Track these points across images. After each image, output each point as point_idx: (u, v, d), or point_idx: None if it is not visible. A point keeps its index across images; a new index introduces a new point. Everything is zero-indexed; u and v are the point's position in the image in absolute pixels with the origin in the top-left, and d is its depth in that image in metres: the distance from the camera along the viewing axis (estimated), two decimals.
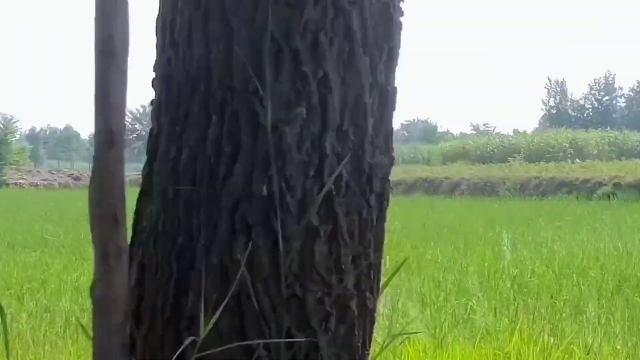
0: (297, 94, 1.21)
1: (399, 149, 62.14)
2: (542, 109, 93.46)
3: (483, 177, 32.03)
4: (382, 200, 1.32)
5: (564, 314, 6.80)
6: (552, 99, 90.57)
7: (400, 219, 17.58)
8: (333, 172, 1.22)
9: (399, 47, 1.34)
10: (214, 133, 1.23)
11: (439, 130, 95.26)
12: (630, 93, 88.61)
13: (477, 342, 5.01)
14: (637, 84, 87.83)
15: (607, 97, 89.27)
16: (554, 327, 6.17)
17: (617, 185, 25.77)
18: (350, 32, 1.26)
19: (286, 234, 1.20)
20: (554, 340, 5.60)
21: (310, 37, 1.22)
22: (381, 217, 1.32)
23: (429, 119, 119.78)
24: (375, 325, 1.32)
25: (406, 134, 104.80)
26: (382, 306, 5.71)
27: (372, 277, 1.31)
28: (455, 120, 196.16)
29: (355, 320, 1.28)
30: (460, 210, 20.60)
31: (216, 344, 1.19)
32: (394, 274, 1.50)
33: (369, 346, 1.32)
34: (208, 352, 1.18)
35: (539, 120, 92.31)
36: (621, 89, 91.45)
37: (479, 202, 24.66)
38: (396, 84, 1.33)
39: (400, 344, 5.19)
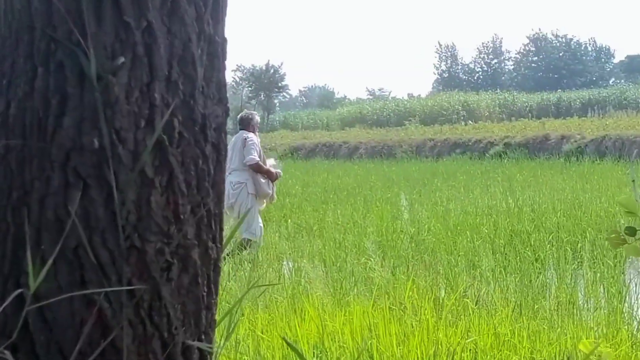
0: (121, 44, 1.20)
1: (299, 115, 62.10)
2: (435, 73, 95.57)
3: (380, 140, 32.55)
4: (219, 151, 1.33)
5: (457, 269, 7.05)
6: (443, 63, 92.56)
7: (301, 183, 17.70)
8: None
9: None
10: (41, 85, 1.21)
11: (337, 96, 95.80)
12: (517, 56, 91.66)
13: (374, 298, 5.14)
14: (522, 47, 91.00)
15: (495, 61, 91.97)
16: (448, 281, 6.40)
17: (507, 145, 26.77)
18: None
19: (120, 185, 1.19)
20: (446, 293, 5.82)
21: None
22: (219, 168, 1.33)
23: (326, 85, 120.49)
24: (221, 274, 1.34)
25: (305, 100, 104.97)
26: (284, 268, 5.69)
27: (213, 227, 1.33)
28: (351, 86, 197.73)
29: (198, 269, 1.29)
30: (359, 173, 20.91)
31: (56, 297, 1.18)
32: (237, 226, 1.52)
33: (215, 295, 1.35)
34: (43, 303, 1.17)
35: (432, 84, 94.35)
36: (508, 52, 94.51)
37: (377, 165, 25.08)
38: (226, 34, 1.33)
39: (299, 302, 5.27)
